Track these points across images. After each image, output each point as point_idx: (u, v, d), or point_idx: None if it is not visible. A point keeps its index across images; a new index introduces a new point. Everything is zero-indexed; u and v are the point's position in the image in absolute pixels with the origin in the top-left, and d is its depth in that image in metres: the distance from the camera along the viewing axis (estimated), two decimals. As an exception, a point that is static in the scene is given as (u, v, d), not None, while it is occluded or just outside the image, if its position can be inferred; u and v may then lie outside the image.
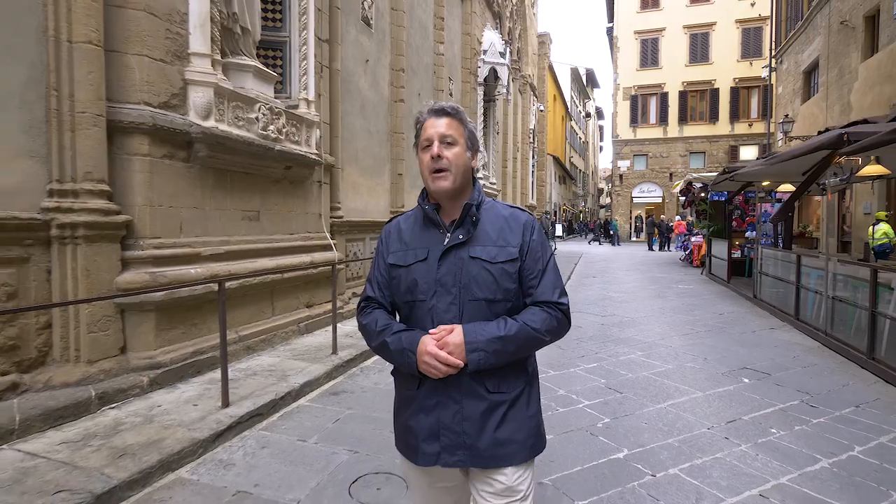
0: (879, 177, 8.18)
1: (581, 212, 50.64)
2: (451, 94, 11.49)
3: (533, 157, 24.04)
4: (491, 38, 13.40)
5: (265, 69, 4.98)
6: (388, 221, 1.51)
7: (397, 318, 1.45)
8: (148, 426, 3.07)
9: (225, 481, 2.71)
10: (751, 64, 29.15)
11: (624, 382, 4.53)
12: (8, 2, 3.05)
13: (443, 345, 1.24)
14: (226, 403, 3.39)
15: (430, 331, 1.28)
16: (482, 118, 13.72)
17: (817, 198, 16.29)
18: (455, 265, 1.32)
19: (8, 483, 2.38)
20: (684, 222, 21.85)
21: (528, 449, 1.35)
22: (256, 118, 4.70)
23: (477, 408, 1.30)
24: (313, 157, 5.58)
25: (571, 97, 45.79)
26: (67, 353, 3.36)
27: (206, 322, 4.24)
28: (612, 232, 29.06)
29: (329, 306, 5.99)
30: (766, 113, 23.27)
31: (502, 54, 13.55)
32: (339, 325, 5.40)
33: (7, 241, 3.06)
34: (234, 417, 3.24)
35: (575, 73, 46.87)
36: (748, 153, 29.22)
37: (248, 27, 4.82)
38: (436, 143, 1.32)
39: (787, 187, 10.39)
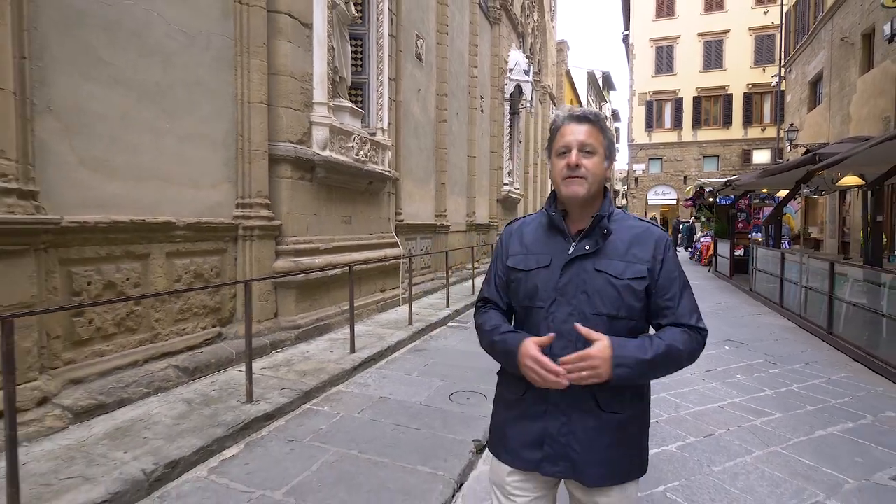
0: (859, 186, 9.40)
1: (597, 213, 51.48)
2: (482, 111, 12.96)
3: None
4: (516, 58, 14.84)
5: (356, 108, 6.51)
6: (509, 223, 1.49)
7: (513, 321, 1.43)
8: (309, 362, 4.61)
9: (369, 392, 4.23)
10: (763, 70, 29.93)
11: (631, 348, 5.95)
12: (220, 81, 4.61)
13: (587, 356, 1.17)
14: (353, 350, 4.92)
15: (582, 331, 1.22)
16: (508, 130, 15.17)
17: (821, 200, 17.45)
18: (578, 276, 1.28)
19: (243, 385, 3.91)
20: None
21: (634, 471, 1.32)
22: (352, 146, 6.24)
23: (586, 423, 1.26)
24: (387, 173, 7.11)
25: (588, 101, 46.84)
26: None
27: (322, 298, 5.79)
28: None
29: (395, 291, 7.54)
30: (776, 119, 24.24)
31: (526, 72, 14.98)
32: (402, 307, 7.08)
33: (218, 238, 4.62)
34: (361, 359, 4.77)
35: (591, 77, 47.85)
36: (761, 157, 29.99)
37: (345, 76, 6.36)
38: (574, 151, 1.27)
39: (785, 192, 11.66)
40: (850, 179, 8.84)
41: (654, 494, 2.79)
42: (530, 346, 1.22)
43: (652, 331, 1.34)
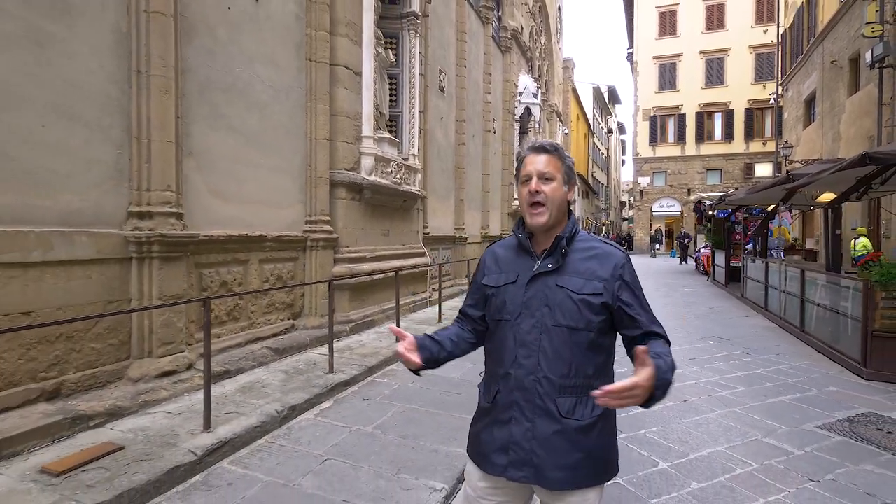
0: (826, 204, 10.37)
1: (604, 224, 52.51)
2: (494, 132, 14.14)
3: (558, 175, 26.43)
4: (525, 82, 16.06)
5: (393, 138, 7.69)
6: (490, 245, 1.66)
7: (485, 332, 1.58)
8: (364, 348, 5.71)
9: (416, 371, 5.31)
10: (764, 86, 30.82)
11: (629, 342, 7.00)
12: (296, 124, 5.80)
13: (634, 386, 1.16)
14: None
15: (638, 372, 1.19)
16: (518, 148, 16.34)
17: (817, 213, 18.37)
18: (541, 291, 1.40)
19: (320, 361, 5.02)
20: None
21: (596, 476, 1.39)
22: (391, 171, 7.40)
23: (548, 429, 1.34)
24: (417, 192, 8.26)
25: (594, 114, 48.00)
26: (311, 310, 6.05)
27: (367, 298, 6.92)
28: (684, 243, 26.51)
29: (423, 295, 8.65)
30: (776, 134, 25.23)
31: (535, 95, 16.18)
32: (430, 308, 8.20)
33: (293, 248, 5.78)
34: (405, 346, 5.86)
35: (597, 92, 49.06)
36: (763, 170, 30.77)
37: (384, 112, 7.55)
38: (534, 179, 1.41)
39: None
40: (828, 196, 9.86)
41: (638, 435, 3.84)
42: (399, 344, 1.49)
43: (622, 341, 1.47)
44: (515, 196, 1.63)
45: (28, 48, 3.27)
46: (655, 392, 1.23)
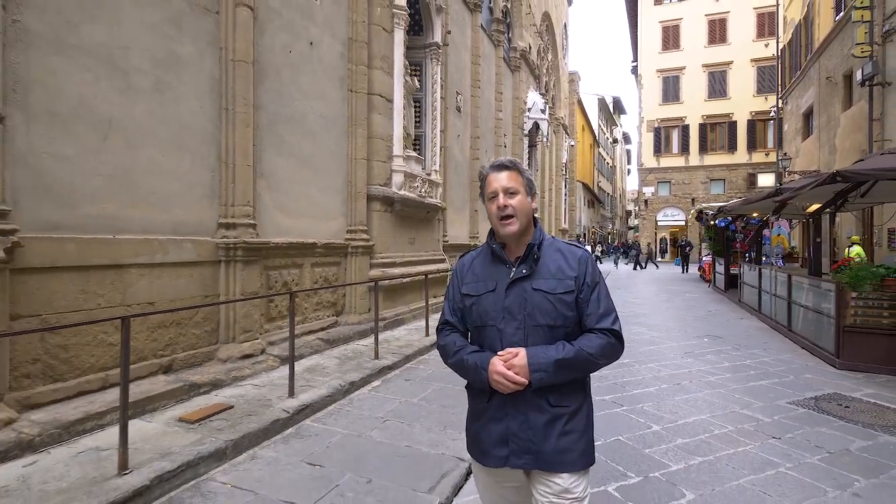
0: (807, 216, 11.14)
1: (609, 233, 53.16)
2: (505, 147, 15.04)
3: (565, 186, 27.34)
4: (534, 99, 16.97)
5: (418, 156, 8.59)
6: (462, 256, 1.77)
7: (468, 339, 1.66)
8: (399, 341, 6.55)
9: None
10: (766, 99, 31.50)
11: (631, 338, 7.79)
12: (339, 147, 6.70)
13: (509, 366, 1.46)
14: (427, 335, 6.87)
15: (499, 353, 1.50)
16: (527, 161, 17.22)
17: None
18: (520, 296, 1.54)
19: (364, 350, 5.85)
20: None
21: (583, 458, 1.56)
22: (417, 185, 8.29)
23: (540, 419, 1.52)
24: (439, 204, 9.14)
25: (599, 125, 48.83)
26: (352, 308, 6.90)
27: (398, 299, 7.78)
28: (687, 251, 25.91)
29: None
30: (777, 145, 25.97)
31: (542, 110, 17.08)
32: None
33: (337, 254, 6.65)
34: (434, 339, 6.69)
35: (602, 103, 49.92)
36: (766, 180, 31.30)
37: (410, 133, 8.46)
38: (501, 195, 1.54)
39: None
40: (815, 207, 10.62)
41: (636, 407, 4.64)
42: (497, 364, 1.48)
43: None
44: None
45: (153, 95, 4.18)
46: (532, 374, 1.47)
